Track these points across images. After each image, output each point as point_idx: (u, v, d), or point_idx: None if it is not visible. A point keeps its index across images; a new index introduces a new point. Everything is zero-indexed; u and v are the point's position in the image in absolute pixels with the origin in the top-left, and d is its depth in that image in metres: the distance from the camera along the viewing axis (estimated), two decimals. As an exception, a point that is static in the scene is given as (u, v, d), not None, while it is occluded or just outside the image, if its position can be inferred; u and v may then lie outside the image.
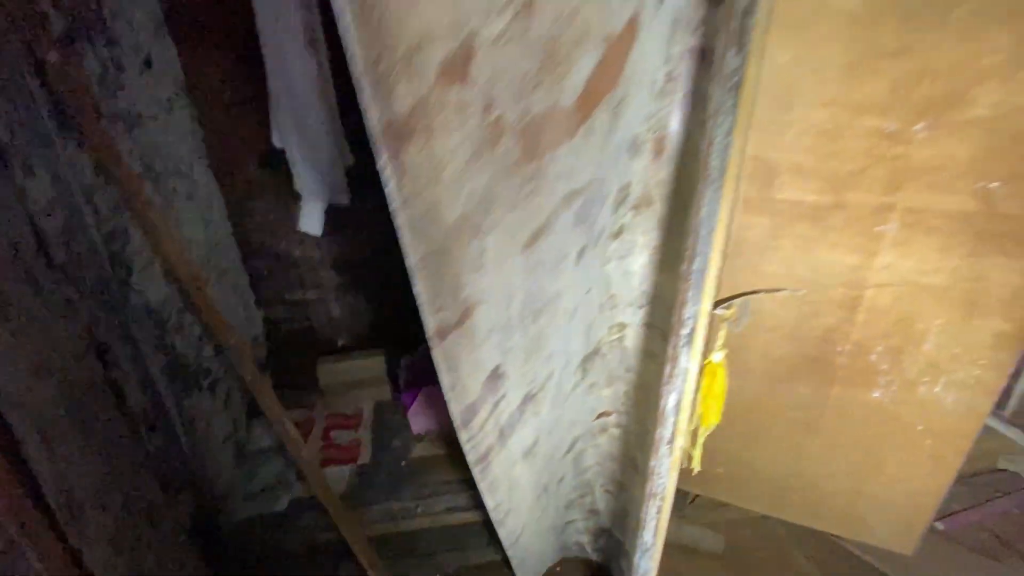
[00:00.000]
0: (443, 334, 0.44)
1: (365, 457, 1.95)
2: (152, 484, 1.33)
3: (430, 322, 0.42)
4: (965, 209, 1.12)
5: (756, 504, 1.73)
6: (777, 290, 0.83)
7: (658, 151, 0.71)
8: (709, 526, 1.80)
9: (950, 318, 1.22)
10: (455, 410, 0.50)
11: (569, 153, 0.47)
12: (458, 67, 0.36)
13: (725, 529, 1.79)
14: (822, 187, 1.21)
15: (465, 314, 0.44)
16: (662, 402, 0.77)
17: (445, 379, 0.47)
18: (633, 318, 0.87)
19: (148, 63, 1.53)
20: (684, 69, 0.62)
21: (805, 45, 1.11)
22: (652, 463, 0.82)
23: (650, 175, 0.72)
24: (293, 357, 2.32)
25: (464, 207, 0.40)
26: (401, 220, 0.39)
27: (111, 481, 1.11)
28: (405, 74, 0.35)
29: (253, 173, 1.99)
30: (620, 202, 0.72)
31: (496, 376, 0.54)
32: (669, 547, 1.78)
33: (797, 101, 1.15)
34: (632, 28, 0.48)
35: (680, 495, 1.88)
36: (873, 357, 1.32)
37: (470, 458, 0.60)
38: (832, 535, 1.69)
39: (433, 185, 0.38)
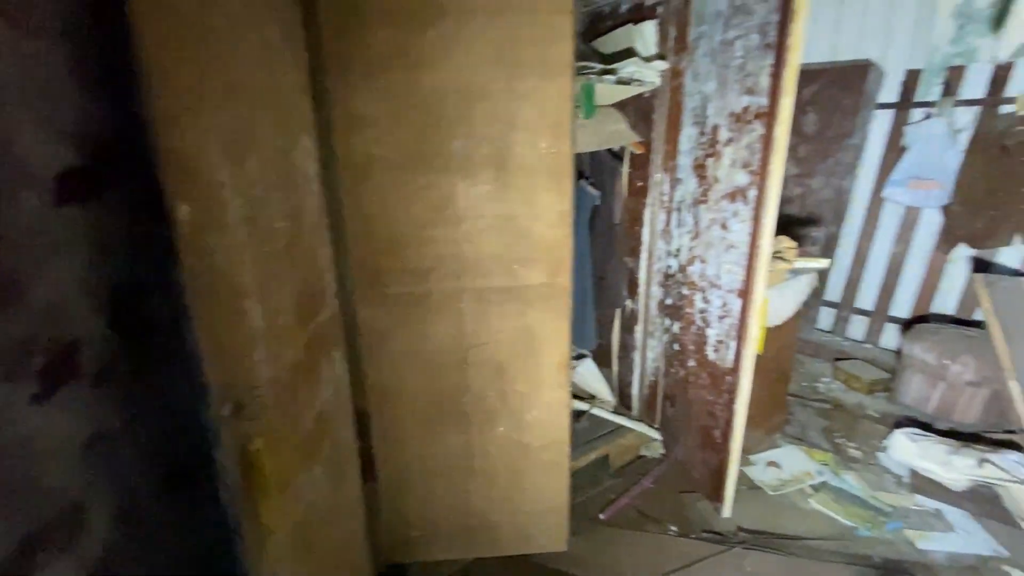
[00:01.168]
0: None
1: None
2: None
3: None
4: (506, 285, 1.59)
5: (459, 552, 1.93)
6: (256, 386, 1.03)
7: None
8: (429, 588, 1.94)
9: (525, 361, 1.67)
10: None
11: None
12: None
13: (445, 585, 1.95)
14: (416, 280, 1.56)
15: None
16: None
17: None
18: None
19: None
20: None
21: (372, 183, 1.47)
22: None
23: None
24: None
25: None
26: None
27: None
28: None
29: None
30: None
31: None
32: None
33: (382, 218, 1.50)
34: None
35: (399, 569, 1.98)
36: (489, 400, 1.70)
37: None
38: (521, 556, 2.00)
39: None
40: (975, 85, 3.04)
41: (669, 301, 2.38)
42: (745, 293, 1.82)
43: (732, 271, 1.87)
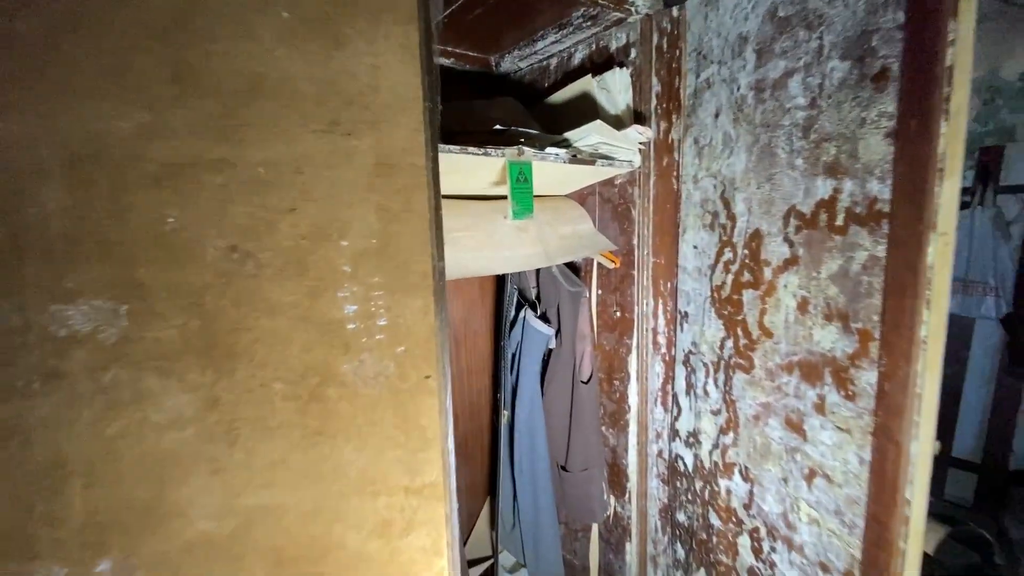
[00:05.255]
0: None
1: None
2: None
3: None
4: None
5: None
6: None
7: None
8: None
9: None
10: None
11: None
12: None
13: None
14: None
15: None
16: None
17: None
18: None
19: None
20: None
21: None
22: None
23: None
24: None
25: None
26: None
27: None
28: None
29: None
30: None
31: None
32: None
33: None
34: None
35: None
36: None
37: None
38: None
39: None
40: (1020, 168, 2.40)
41: (683, 518, 1.38)
42: (869, 583, 0.83)
43: (830, 527, 0.90)
